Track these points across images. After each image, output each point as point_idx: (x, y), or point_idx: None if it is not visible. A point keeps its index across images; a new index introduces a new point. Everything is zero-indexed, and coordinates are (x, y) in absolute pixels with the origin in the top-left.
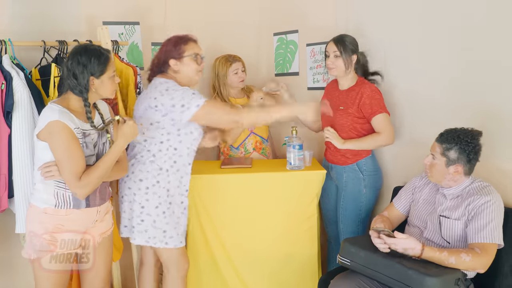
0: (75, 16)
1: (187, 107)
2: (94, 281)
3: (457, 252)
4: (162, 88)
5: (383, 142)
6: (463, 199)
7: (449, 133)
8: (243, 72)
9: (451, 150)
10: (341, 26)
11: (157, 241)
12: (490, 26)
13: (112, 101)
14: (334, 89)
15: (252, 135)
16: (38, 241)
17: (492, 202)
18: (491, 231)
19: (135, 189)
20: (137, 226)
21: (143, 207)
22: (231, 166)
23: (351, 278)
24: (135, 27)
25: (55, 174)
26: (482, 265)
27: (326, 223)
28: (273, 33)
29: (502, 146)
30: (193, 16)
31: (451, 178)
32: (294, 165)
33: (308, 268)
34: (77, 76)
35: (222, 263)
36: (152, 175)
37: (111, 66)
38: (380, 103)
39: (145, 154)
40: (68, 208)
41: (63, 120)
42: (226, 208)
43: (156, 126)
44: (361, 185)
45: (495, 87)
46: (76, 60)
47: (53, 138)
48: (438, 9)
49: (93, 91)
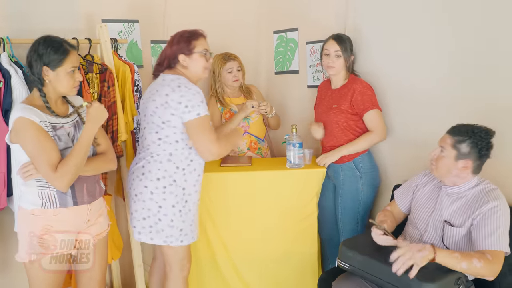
0: (74, 13)
1: (189, 110)
2: (89, 284)
3: (469, 257)
4: (174, 84)
5: (375, 140)
6: (468, 203)
7: (463, 127)
8: (239, 71)
9: (463, 143)
10: (340, 24)
11: (173, 240)
12: (486, 23)
13: (110, 100)
14: (327, 88)
15: (246, 135)
16: (29, 244)
17: (500, 208)
18: (499, 237)
19: (153, 188)
20: (154, 226)
21: (161, 207)
22: (230, 164)
23: (352, 279)
24: (135, 25)
25: (33, 172)
26: (492, 272)
27: (321, 222)
28: (273, 31)
29: (500, 145)
30: (193, 14)
31: (457, 174)
32: (294, 163)
33: (308, 266)
34: (32, 65)
35: (222, 261)
36: (169, 174)
37: (70, 60)
38: (371, 99)
39: (162, 153)
40: (55, 208)
41: (25, 115)
42: (226, 206)
43: (167, 125)
44: (359, 183)
45: (493, 83)
46: (35, 48)
47: (20, 135)
48: (437, 6)
49: (48, 84)
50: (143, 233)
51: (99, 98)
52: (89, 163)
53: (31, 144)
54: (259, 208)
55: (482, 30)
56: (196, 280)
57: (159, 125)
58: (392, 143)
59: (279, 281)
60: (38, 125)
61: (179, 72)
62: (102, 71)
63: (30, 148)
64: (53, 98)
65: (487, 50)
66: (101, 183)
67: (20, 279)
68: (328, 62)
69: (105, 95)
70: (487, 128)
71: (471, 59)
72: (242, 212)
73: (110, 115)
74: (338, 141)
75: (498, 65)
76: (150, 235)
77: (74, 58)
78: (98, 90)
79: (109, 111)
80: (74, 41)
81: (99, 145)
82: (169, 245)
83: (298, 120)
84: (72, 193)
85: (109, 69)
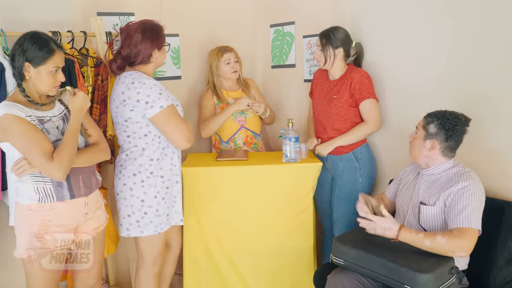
0: (69, 6)
1: (151, 105)
2: (86, 278)
3: (433, 235)
4: (128, 81)
5: (369, 130)
6: (441, 184)
7: (438, 111)
8: (236, 62)
9: (431, 124)
10: (338, 17)
11: (163, 227)
12: (482, 21)
13: (103, 93)
14: (324, 78)
15: (242, 129)
16: (27, 240)
17: (470, 188)
18: (468, 215)
19: (131, 184)
20: (141, 220)
21: (143, 200)
22: (226, 158)
23: (348, 273)
24: (130, 18)
25: (26, 168)
26: (459, 247)
27: (321, 215)
28: (270, 25)
29: (493, 134)
30: (189, 8)
31: (427, 155)
32: (290, 157)
33: (303, 260)
34: (14, 58)
35: (218, 256)
36: (144, 168)
37: (54, 60)
38: (368, 89)
39: (134, 149)
40: (52, 202)
41: (10, 112)
42: (221, 200)
43: (131, 122)
44: (357, 174)
45: (487, 76)
46: (20, 42)
47: (8, 132)
48: (437, 0)
49: (28, 80)
50: (132, 229)
51: (93, 91)
52: (82, 154)
53: (20, 138)
54: (255, 202)
55: (483, 25)
56: (192, 274)
57: (123, 123)
58: (388, 135)
59: (274, 275)
60: (24, 119)
61: (136, 68)
62: (97, 64)
63: (20, 143)
64: (35, 94)
65: (487, 45)
66: (97, 175)
67: (17, 272)
68: (315, 55)
69: (98, 89)
70: (460, 114)
71: (470, 54)
72: (237, 206)
73: (103, 109)
74: (339, 134)
75: (495, 60)
76: (140, 229)
77: (58, 58)
78: (92, 83)
79: (102, 105)
80: (69, 34)
81: (90, 136)
82: (144, 238)
83: (294, 114)
84: (68, 185)
85: (103, 63)
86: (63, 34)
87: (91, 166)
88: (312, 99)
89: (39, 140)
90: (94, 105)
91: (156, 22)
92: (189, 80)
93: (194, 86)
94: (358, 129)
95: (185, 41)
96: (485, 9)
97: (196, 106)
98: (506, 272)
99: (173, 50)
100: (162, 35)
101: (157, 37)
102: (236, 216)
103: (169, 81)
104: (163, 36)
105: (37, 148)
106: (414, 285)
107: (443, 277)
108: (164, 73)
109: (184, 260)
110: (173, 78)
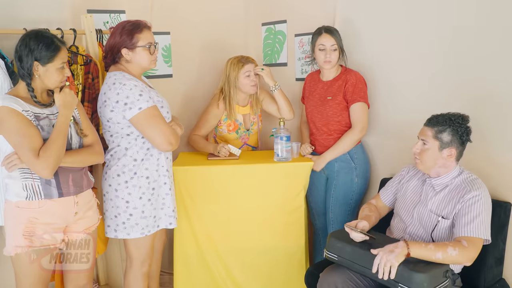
0: (59, 3)
1: (130, 106)
2: (78, 278)
3: (443, 247)
4: (110, 82)
5: (356, 137)
6: (451, 193)
7: (439, 117)
8: (256, 75)
9: (444, 133)
10: (329, 16)
11: (150, 229)
12: (478, 20)
13: (94, 92)
14: (316, 80)
15: (245, 146)
16: (15, 237)
17: (481, 197)
18: (478, 225)
19: (115, 185)
20: (127, 222)
21: (128, 202)
22: (218, 157)
23: (340, 271)
24: (121, 16)
25: (17, 162)
26: (468, 258)
27: (314, 215)
28: (261, 23)
29: (491, 136)
30: (180, 6)
31: (443, 163)
32: (282, 156)
33: (295, 260)
34: (22, 59)
35: (209, 255)
36: (128, 168)
37: (60, 57)
38: (361, 92)
39: (118, 149)
40: (40, 199)
41: (7, 104)
42: (213, 200)
43: (112, 122)
44: (353, 174)
45: (482, 78)
46: (25, 43)
47: (2, 125)
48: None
49: (37, 78)
50: (119, 230)
51: (83, 90)
52: (75, 155)
53: (12, 131)
54: (246, 201)
55: (478, 25)
56: (183, 273)
57: (106, 123)
58: (380, 136)
59: (266, 274)
60: (21, 113)
61: (121, 68)
62: (87, 62)
63: (12, 136)
64: (39, 91)
65: (478, 46)
66: (89, 175)
67: (7, 271)
68: (325, 57)
69: (89, 87)
70: (461, 114)
71: (462, 55)
72: (229, 205)
73: (95, 107)
74: (333, 135)
75: (492, 63)
76: (126, 231)
77: (63, 54)
78: (82, 82)
79: (93, 104)
80: (58, 31)
81: (86, 136)
82: (131, 240)
83: None
84: (57, 183)
85: (93, 61)
86: (53, 32)
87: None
88: (304, 103)
89: (31, 136)
90: (86, 104)
91: (134, 21)
92: (181, 78)
93: (185, 85)
94: (345, 139)
95: (177, 39)
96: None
97: (187, 104)
98: (496, 271)
99: (164, 48)
100: (133, 35)
101: (126, 35)
102: (227, 215)
103: (160, 79)
104: (135, 36)
105: (27, 143)
106: (409, 284)
107: (438, 279)
108: (155, 72)
109: (174, 259)
110: (164, 77)
